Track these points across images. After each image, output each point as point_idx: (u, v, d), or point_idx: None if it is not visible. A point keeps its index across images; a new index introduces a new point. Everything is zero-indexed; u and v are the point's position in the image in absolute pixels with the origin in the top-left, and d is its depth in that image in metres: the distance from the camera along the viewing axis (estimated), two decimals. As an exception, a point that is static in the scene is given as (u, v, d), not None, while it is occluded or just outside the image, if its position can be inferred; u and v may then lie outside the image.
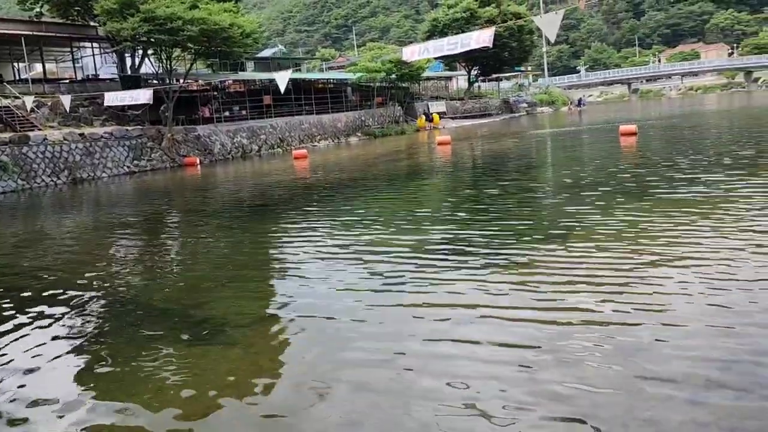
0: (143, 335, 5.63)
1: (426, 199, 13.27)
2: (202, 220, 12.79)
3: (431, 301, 5.76)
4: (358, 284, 6.58)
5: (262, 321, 5.81)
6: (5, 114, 25.50)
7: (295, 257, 8.22)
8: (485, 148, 25.19)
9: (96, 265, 9.01)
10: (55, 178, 23.44)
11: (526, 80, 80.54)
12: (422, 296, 5.93)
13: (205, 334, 5.52)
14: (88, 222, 14.00)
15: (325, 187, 16.55)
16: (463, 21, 52.98)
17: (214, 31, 27.56)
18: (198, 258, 9.13)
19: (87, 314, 6.46)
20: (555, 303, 5.38)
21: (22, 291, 7.60)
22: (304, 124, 38.73)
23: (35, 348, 5.50)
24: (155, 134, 28.73)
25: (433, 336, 4.91)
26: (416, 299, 5.86)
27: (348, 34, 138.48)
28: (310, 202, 13.65)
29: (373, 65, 42.58)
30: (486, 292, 5.85)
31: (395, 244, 8.24)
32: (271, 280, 7.41)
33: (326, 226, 10.36)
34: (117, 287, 7.52)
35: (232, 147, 32.54)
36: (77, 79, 37.06)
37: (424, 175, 18.06)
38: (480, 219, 9.63)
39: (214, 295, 6.84)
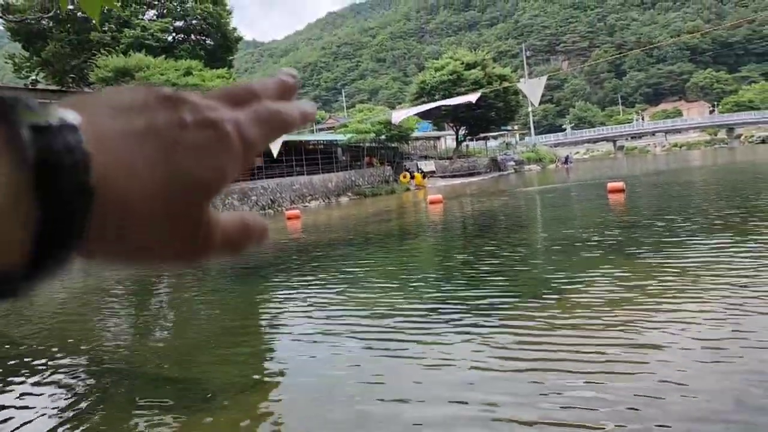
0: (131, 402, 5.52)
1: (417, 259, 13.31)
2: (193, 284, 12.71)
3: (426, 363, 5.72)
4: (352, 348, 6.52)
5: (255, 387, 5.71)
6: None
7: (288, 320, 8.16)
8: (475, 207, 25.45)
9: (83, 329, 8.88)
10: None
11: (513, 139, 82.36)
12: (417, 360, 5.88)
13: (197, 402, 5.41)
14: (76, 285, 13.87)
15: (317, 247, 16.58)
16: (450, 83, 54.52)
17: (206, 96, 28.12)
18: (189, 322, 9.03)
19: (75, 382, 6.33)
20: (542, 365, 5.37)
21: (6, 360, 7.45)
22: (295, 184, 39.08)
23: (13, 416, 5.36)
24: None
25: (431, 401, 4.86)
26: (410, 363, 5.82)
27: (338, 96, 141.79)
28: (303, 263, 13.64)
29: (362, 126, 43.45)
30: (477, 353, 5.82)
31: (388, 306, 8.22)
32: (265, 345, 7.33)
33: (319, 287, 10.33)
34: (106, 353, 7.40)
35: (223, 209, 32.65)
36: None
37: (415, 234, 18.16)
38: (471, 279, 9.65)
39: (205, 360, 6.75)
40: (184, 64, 29.13)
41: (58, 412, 5.50)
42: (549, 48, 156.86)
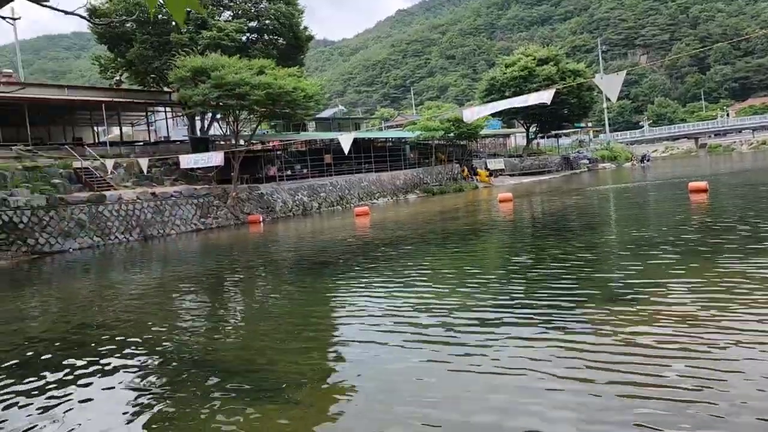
0: (204, 392, 5.70)
1: (485, 258, 13.11)
2: (263, 277, 13.03)
3: (491, 365, 5.61)
4: (415, 346, 6.50)
5: (323, 380, 5.79)
6: (85, 174, 27.13)
7: (355, 316, 8.21)
8: (546, 206, 24.84)
9: (161, 320, 9.26)
10: (127, 235, 24.54)
11: (587, 136, 79.78)
12: (483, 359, 5.78)
13: (266, 393, 5.53)
14: (156, 278, 14.49)
15: (385, 244, 16.63)
16: (520, 80, 53.42)
17: (278, 95, 28.77)
18: (259, 315, 9.24)
19: (149, 369, 6.60)
20: (620, 371, 5.13)
21: (91, 345, 7.87)
22: (364, 181, 39.38)
23: (97, 402, 5.64)
24: (221, 193, 29.83)
25: (495, 403, 4.75)
26: (477, 361, 5.74)
27: (406, 93, 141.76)
28: (371, 260, 13.71)
29: (431, 124, 43.25)
30: (544, 357, 5.65)
31: (454, 305, 8.13)
32: (332, 339, 7.40)
33: (387, 284, 10.35)
34: (180, 343, 7.68)
35: (293, 205, 33.34)
36: (151, 141, 39.27)
37: (484, 233, 17.89)
38: (541, 280, 9.39)
39: (274, 352, 6.89)
40: (257, 63, 29.85)
41: (135, 397, 5.75)
42: (626, 42, 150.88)
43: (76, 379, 6.44)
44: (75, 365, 6.99)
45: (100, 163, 28.29)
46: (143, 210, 25.66)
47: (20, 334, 9.14)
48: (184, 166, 28.54)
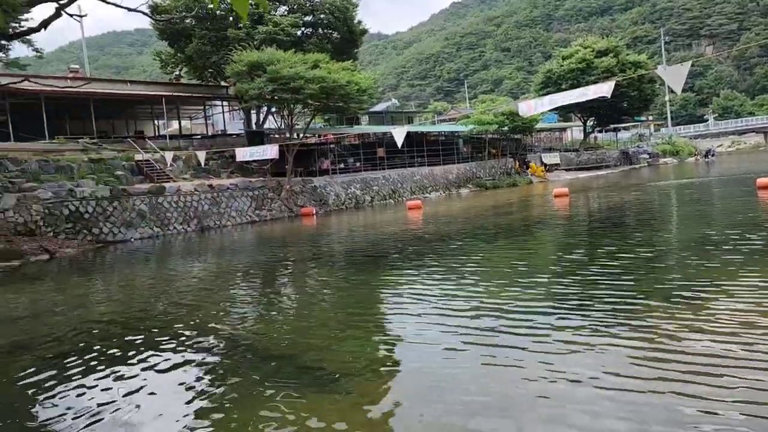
0: (258, 379, 5.78)
1: (538, 254, 12.83)
2: (316, 269, 13.14)
3: (543, 368, 5.45)
4: (467, 344, 6.39)
5: (375, 372, 5.80)
6: (146, 167, 28.06)
7: (408, 309, 8.16)
8: (603, 202, 24.13)
9: (217, 308, 9.46)
10: (185, 225, 25.24)
11: (647, 130, 77.09)
12: (534, 361, 5.62)
13: (318, 383, 5.58)
14: (212, 267, 14.83)
15: (437, 238, 16.50)
16: (578, 72, 52.04)
17: (332, 89, 28.94)
18: (312, 306, 9.31)
19: (206, 356, 6.73)
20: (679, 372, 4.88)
21: (150, 330, 8.10)
22: (416, 175, 39.27)
23: (155, 386, 5.78)
24: (275, 186, 30.31)
25: (549, 403, 4.61)
26: (527, 364, 5.59)
27: (460, 86, 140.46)
28: (423, 254, 13.63)
29: (485, 117, 42.69)
30: (598, 361, 5.45)
31: (506, 301, 7.98)
32: (383, 333, 7.37)
33: (438, 279, 10.26)
34: (236, 331, 7.82)
35: (345, 198, 33.55)
36: (208, 134, 40.27)
37: (538, 228, 17.52)
38: (596, 278, 9.09)
39: (326, 343, 6.93)
40: (312, 57, 30.12)
41: (191, 382, 5.87)
42: (691, 32, 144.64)
43: (135, 364, 6.63)
44: (134, 350, 7.21)
45: (160, 156, 29.20)
46: (200, 201, 26.33)
47: (84, 319, 9.51)
48: (240, 158, 29.14)
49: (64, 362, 6.90)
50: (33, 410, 5.49)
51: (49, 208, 21.18)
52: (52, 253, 19.01)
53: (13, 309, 11.19)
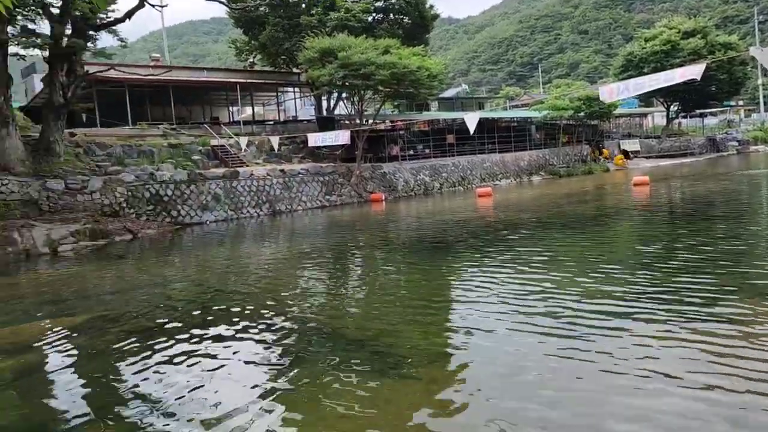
0: (326, 361, 5.80)
1: (614, 245, 12.29)
2: (385, 255, 13.12)
3: (612, 362, 5.20)
4: (534, 335, 6.20)
5: (444, 358, 5.76)
6: (221, 151, 28.91)
7: (476, 297, 7.99)
8: (687, 191, 22.90)
9: (288, 290, 9.60)
10: (258, 209, 25.88)
11: (737, 116, 72.57)
12: (603, 356, 5.36)
13: (388, 367, 5.57)
14: (284, 251, 15.11)
15: (507, 226, 16.14)
16: (662, 54, 49.50)
17: (403, 74, 28.76)
18: (381, 291, 9.30)
19: (278, 337, 6.82)
20: None
21: (224, 310, 8.30)
22: (486, 162, 38.60)
23: (227, 366, 5.89)
24: (345, 171, 30.54)
25: (613, 407, 4.36)
26: (596, 358, 5.34)
27: (533, 71, 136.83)
28: (493, 241, 13.36)
29: (560, 103, 41.35)
30: (673, 359, 5.11)
31: (577, 292, 7.67)
32: (453, 318, 7.27)
33: (509, 266, 10.01)
34: (306, 313, 7.90)
35: (414, 184, 33.42)
36: (280, 120, 41.02)
37: (614, 218, 16.81)
38: (675, 271, 8.57)
39: (396, 328, 6.91)
40: (383, 42, 30.02)
41: (263, 363, 5.96)
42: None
43: (210, 342, 6.80)
44: (210, 328, 7.40)
45: (234, 141, 30.00)
46: (273, 186, 26.89)
47: (165, 297, 9.88)
48: (312, 144, 29.52)
49: (147, 337, 7.17)
50: (118, 383, 5.71)
51: (132, 190, 22.19)
52: (134, 233, 19.92)
53: (101, 285, 11.79)
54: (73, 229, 18.53)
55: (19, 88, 35.23)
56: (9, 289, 11.93)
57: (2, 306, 10.15)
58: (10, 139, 20.12)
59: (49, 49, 21.59)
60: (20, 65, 32.83)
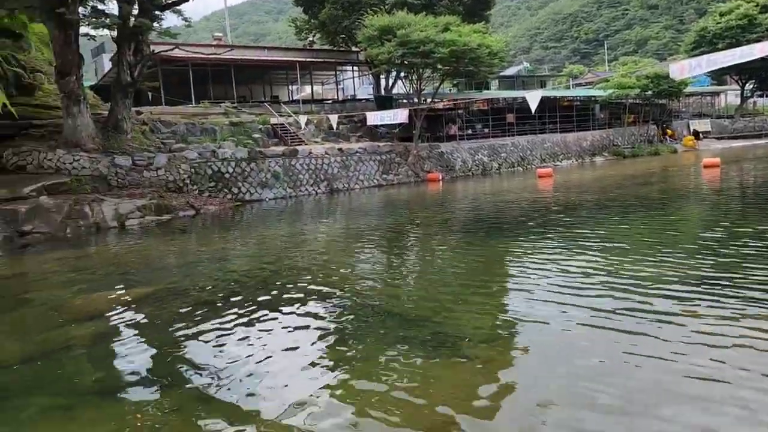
0: (381, 338, 5.82)
1: (680, 228, 11.77)
2: (441, 235, 13.03)
3: (668, 351, 5.00)
4: (595, 313, 6.07)
5: (498, 339, 5.69)
6: (280, 130, 29.30)
7: (533, 278, 7.84)
8: (762, 174, 21.69)
9: (344, 267, 9.67)
10: (316, 187, 26.15)
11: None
12: (661, 345, 5.15)
13: (442, 346, 5.55)
14: (340, 228, 15.22)
15: (567, 208, 15.72)
16: (738, 30, 46.75)
17: (462, 52, 28.25)
18: (435, 271, 9.25)
19: (333, 313, 6.88)
20: None
21: (281, 285, 8.43)
22: (547, 142, 37.67)
23: (284, 341, 5.98)
24: (403, 150, 30.42)
25: (675, 379, 4.17)
26: (653, 348, 5.14)
27: (599, 48, 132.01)
28: (552, 223, 13.04)
29: (626, 81, 39.77)
30: (734, 353, 4.85)
31: (639, 277, 7.39)
32: (509, 299, 7.16)
33: (567, 248, 9.75)
34: (360, 291, 7.94)
35: (472, 164, 32.99)
36: (338, 99, 41.17)
37: (681, 200, 16.10)
38: (742, 259, 8.10)
39: (451, 308, 6.86)
40: (443, 20, 29.53)
41: (318, 339, 6.02)
42: None
43: (268, 317, 6.92)
44: (268, 303, 7.53)
45: (293, 120, 30.32)
46: (330, 165, 27.09)
47: (225, 271, 10.13)
48: (371, 122, 29.50)
49: (209, 310, 7.37)
50: (182, 352, 5.89)
51: (195, 167, 22.79)
52: (197, 209, 20.50)
53: (166, 258, 12.20)
54: (139, 204, 19.23)
55: (90, 68, 36.66)
56: (82, 261, 12.50)
57: (77, 276, 10.65)
58: (81, 116, 20.96)
59: (117, 29, 22.27)
60: (90, 45, 34.10)
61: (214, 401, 4.67)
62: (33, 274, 11.42)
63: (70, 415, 4.64)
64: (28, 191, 17.93)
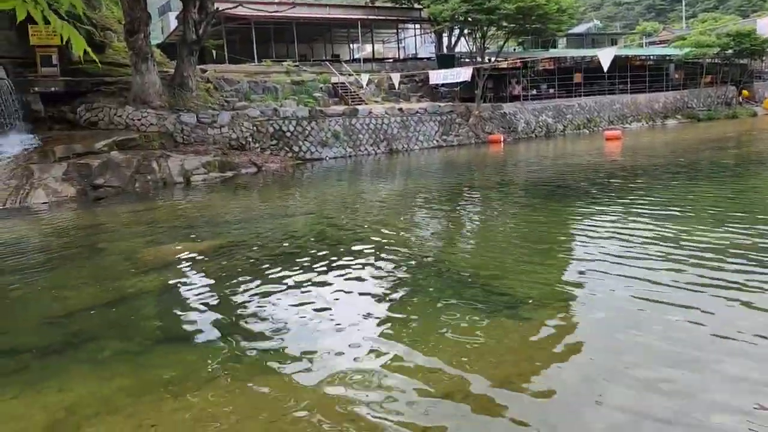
0: (441, 299, 5.77)
1: (755, 197, 11.09)
2: (500, 197, 12.78)
3: (736, 315, 4.76)
4: (659, 281, 5.81)
5: (558, 302, 5.55)
6: (341, 89, 29.21)
7: (596, 243, 7.58)
8: None
9: (402, 227, 9.63)
10: (375, 147, 26.08)
11: None
12: (727, 305, 4.91)
13: (501, 306, 5.47)
14: (398, 188, 15.16)
15: (635, 172, 15.08)
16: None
17: (529, 8, 27.23)
18: (494, 233, 9.10)
19: (391, 271, 6.86)
20: None
21: (340, 243, 8.48)
22: (616, 104, 36.14)
23: (341, 297, 6.02)
24: (464, 111, 29.85)
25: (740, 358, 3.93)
26: (717, 306, 4.98)
27: (675, 4, 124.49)
28: (618, 188, 12.57)
29: (705, 39, 37.43)
30: None
31: (706, 245, 7.01)
32: (570, 264, 6.95)
33: (633, 214, 9.36)
34: (418, 249, 7.91)
35: (536, 125, 32.09)
36: (399, 58, 40.59)
37: (759, 167, 15.17)
38: None
39: (511, 268, 6.76)
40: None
41: (375, 296, 6.02)
42: None
43: (326, 273, 6.97)
44: (326, 260, 7.58)
45: (354, 79, 30.14)
46: (390, 125, 26.90)
47: (285, 227, 10.28)
48: (433, 81, 29.02)
49: (270, 264, 7.50)
50: (243, 304, 6.03)
51: (257, 125, 23.09)
52: (258, 166, 20.85)
53: (229, 213, 12.49)
54: (204, 160, 19.70)
55: (156, 26, 37.42)
56: (150, 214, 12.97)
57: (146, 229, 11.06)
58: (149, 74, 21.47)
59: (184, -13, 22.52)
60: (157, 3, 34.76)
61: (273, 351, 4.76)
62: (106, 225, 11.93)
63: (139, 361, 4.83)
64: (100, 146, 18.64)
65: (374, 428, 3.51)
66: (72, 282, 7.42)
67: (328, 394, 3.98)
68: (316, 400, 3.90)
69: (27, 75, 20.40)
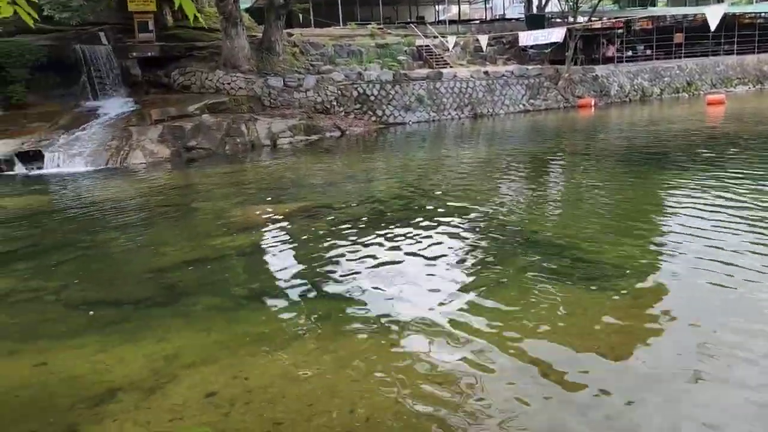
0: (527, 267, 5.69)
1: None
2: (591, 164, 12.26)
3: None
4: (754, 257, 5.47)
5: (647, 274, 5.35)
6: (425, 52, 28.75)
7: (689, 215, 7.21)
8: None
9: (487, 194, 9.49)
10: (459, 112, 25.63)
11: None
12: None
13: (588, 276, 5.34)
14: (483, 154, 14.86)
15: (737, 140, 14.01)
16: None
17: (628, -38, 25.53)
18: (582, 202, 8.79)
19: (471, 235, 6.83)
20: None
21: (424, 208, 8.45)
22: (720, 65, 33.57)
23: (423, 255, 6.01)
24: (553, 74, 28.67)
25: None
26: None
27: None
28: (716, 157, 11.77)
29: (828, -8, 33.85)
30: None
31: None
32: (661, 235, 6.70)
33: (731, 186, 8.72)
34: (502, 216, 7.82)
35: (630, 89, 30.39)
36: (486, 19, 39.38)
37: None
38: None
39: (599, 238, 6.57)
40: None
41: (460, 258, 5.99)
42: None
43: (411, 237, 6.98)
44: (407, 223, 7.59)
45: (439, 41, 29.57)
46: (475, 88, 26.29)
47: (369, 190, 10.36)
48: (522, 43, 28.02)
49: (352, 227, 7.60)
50: (325, 264, 6.16)
51: (341, 89, 23.21)
52: (342, 130, 21.03)
53: (313, 176, 12.73)
54: (290, 124, 20.08)
55: (246, -9, 37.99)
56: (239, 176, 13.43)
57: (235, 190, 11.48)
58: (238, 38, 21.97)
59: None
60: (247, -32, 35.14)
61: (355, 313, 4.85)
62: (199, 186, 12.48)
63: (231, 316, 5.06)
64: (193, 110, 19.38)
65: (458, 392, 3.51)
66: (168, 239, 7.83)
67: (410, 356, 4.01)
68: (398, 362, 3.95)
69: (126, 41, 21.41)
